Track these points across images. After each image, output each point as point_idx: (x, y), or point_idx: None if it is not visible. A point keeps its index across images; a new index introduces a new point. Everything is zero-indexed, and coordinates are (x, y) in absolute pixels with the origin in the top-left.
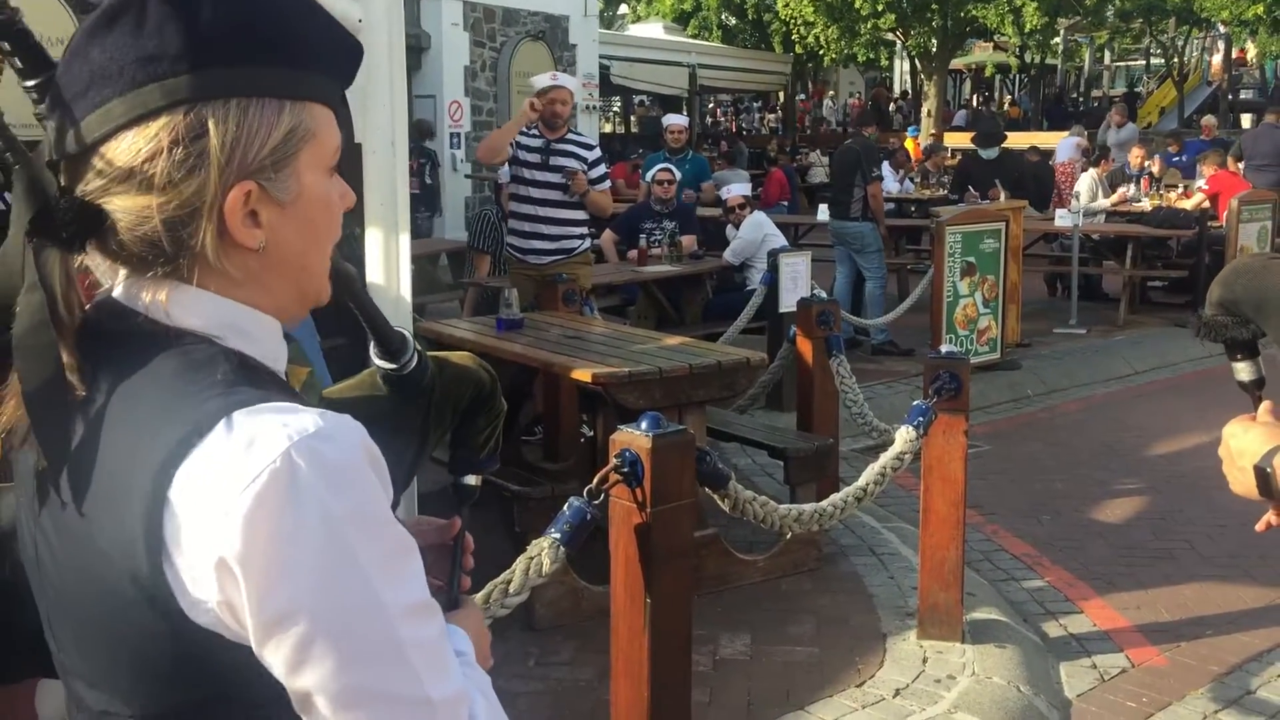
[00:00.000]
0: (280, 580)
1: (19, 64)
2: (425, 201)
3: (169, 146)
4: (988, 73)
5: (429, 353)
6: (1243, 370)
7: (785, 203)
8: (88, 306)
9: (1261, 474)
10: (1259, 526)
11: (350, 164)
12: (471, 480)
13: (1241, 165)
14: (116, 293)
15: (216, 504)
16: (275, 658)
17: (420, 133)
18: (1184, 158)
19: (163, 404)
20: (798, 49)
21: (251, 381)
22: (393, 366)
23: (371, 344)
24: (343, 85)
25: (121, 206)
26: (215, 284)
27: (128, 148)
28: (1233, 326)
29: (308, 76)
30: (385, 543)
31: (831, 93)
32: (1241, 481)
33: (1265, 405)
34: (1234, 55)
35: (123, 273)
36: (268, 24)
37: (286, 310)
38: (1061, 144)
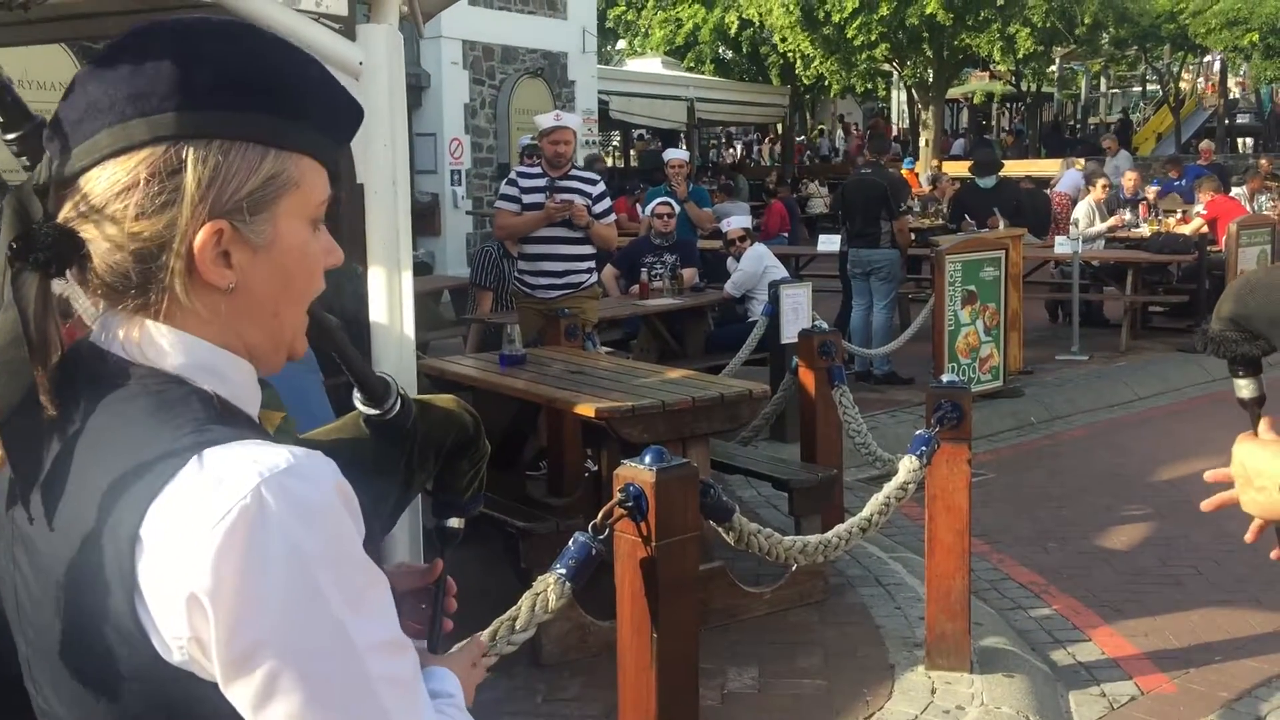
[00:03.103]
0: (247, 616)
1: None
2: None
3: (146, 180)
4: (977, 100)
5: (413, 396)
6: (1245, 387)
7: (785, 234)
8: (65, 349)
9: None
10: (1274, 554)
11: (352, 204)
12: (454, 523)
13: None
14: (92, 334)
15: (187, 541)
16: (242, 694)
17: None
18: (1184, 182)
19: (135, 442)
20: (804, 79)
21: (223, 421)
22: (376, 411)
23: (355, 389)
24: (339, 143)
25: (96, 235)
26: (187, 323)
27: (108, 178)
28: (1242, 342)
29: (297, 128)
30: (356, 579)
31: (839, 124)
32: (1260, 503)
33: (1265, 422)
34: (1235, 81)
35: (98, 310)
36: (260, 73)
37: (259, 356)
38: (1067, 175)
